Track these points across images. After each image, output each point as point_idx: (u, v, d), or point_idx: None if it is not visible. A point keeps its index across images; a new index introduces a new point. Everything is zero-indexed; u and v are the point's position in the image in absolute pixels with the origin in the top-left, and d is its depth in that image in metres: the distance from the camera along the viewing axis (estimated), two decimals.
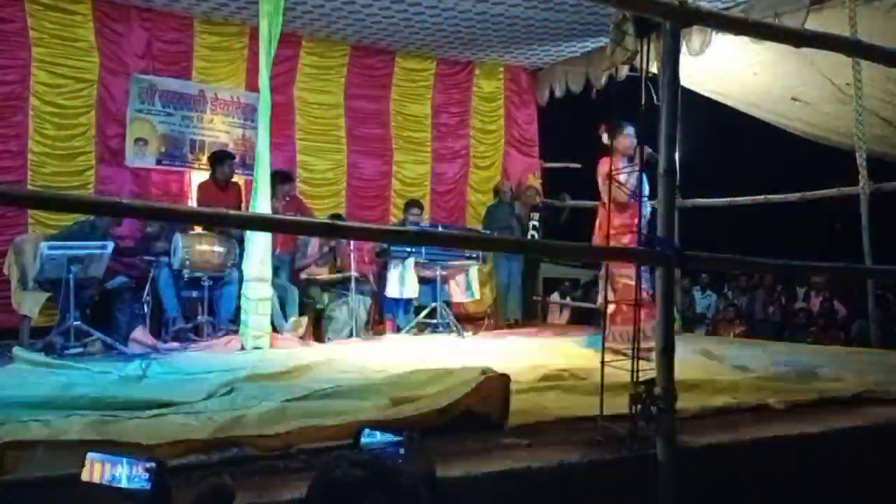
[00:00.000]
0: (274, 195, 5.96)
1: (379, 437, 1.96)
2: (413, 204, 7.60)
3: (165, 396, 3.44)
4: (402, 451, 2.08)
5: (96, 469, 1.48)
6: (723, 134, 9.33)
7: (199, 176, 7.29)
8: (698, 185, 7.52)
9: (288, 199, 6.91)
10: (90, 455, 1.50)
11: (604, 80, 7.84)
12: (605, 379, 2.88)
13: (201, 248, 6.00)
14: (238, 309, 5.90)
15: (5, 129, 6.63)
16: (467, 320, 7.96)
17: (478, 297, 8.24)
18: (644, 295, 4.59)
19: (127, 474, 1.47)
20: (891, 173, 6.40)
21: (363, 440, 1.94)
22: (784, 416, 3.30)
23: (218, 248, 6.06)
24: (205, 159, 7.30)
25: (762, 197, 7.30)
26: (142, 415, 3.02)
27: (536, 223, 8.67)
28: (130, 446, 2.34)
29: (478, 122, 9.04)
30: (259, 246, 5.65)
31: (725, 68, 7.35)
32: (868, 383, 3.85)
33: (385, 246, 6.93)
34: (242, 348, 5.53)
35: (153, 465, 1.45)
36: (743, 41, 6.41)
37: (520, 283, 8.25)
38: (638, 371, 2.70)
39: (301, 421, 2.73)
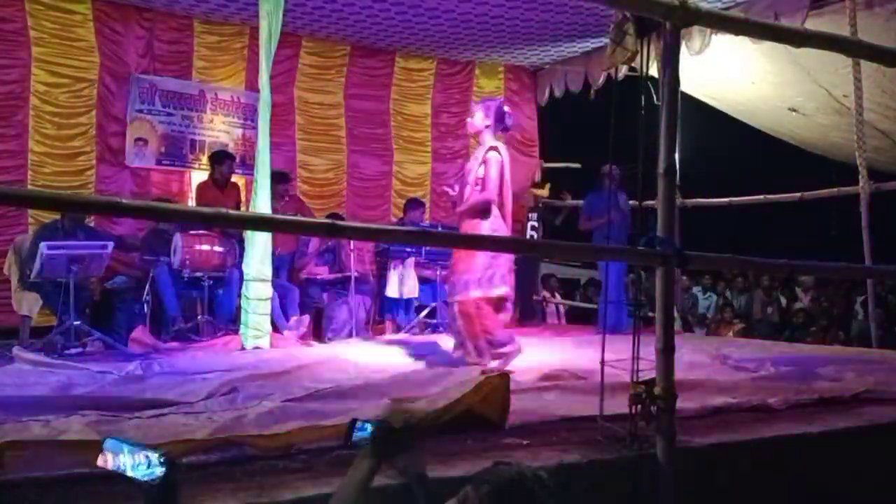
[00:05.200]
0: (272, 195, 5.96)
1: (370, 430, 1.96)
2: (415, 202, 7.63)
3: (165, 396, 3.44)
4: None
5: (109, 457, 1.50)
6: (723, 134, 9.33)
7: (199, 176, 7.29)
8: (698, 186, 7.53)
9: (287, 198, 6.92)
10: (106, 444, 1.53)
11: (602, 80, 7.85)
12: (605, 379, 2.89)
13: (201, 247, 6.00)
14: (238, 309, 5.90)
15: (5, 128, 6.63)
16: None
17: None
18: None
19: (136, 464, 1.48)
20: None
21: (355, 434, 1.94)
22: (784, 416, 3.31)
23: (218, 248, 6.06)
24: (205, 159, 7.30)
25: (762, 197, 7.30)
26: (142, 415, 3.02)
27: (535, 223, 8.68)
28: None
29: None
30: (259, 246, 5.65)
31: (723, 77, 7.36)
32: (868, 383, 3.85)
33: (385, 246, 6.93)
34: (242, 348, 5.52)
35: (162, 458, 1.46)
36: (741, 49, 6.41)
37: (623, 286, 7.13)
38: (638, 371, 2.70)
39: (301, 421, 2.73)
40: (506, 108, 4.98)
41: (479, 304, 4.58)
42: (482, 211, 4.64)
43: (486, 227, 4.57)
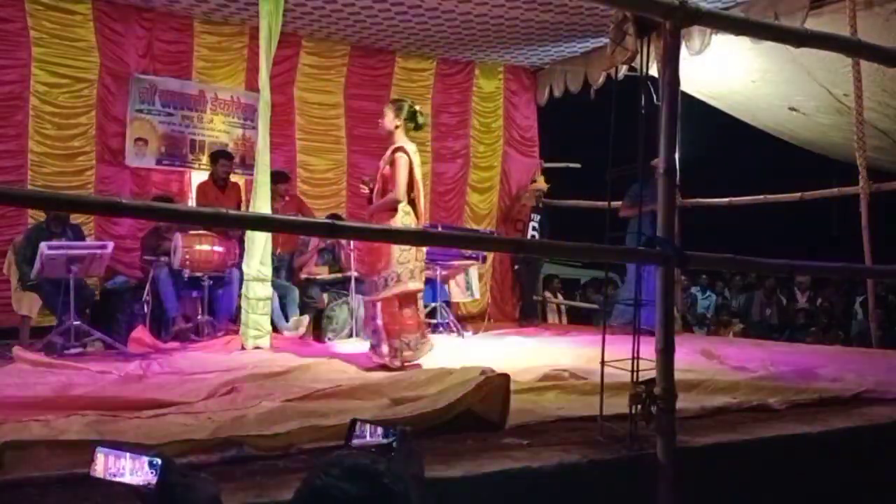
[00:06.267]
0: (272, 195, 5.95)
1: (369, 431, 1.96)
2: None
3: (165, 396, 3.44)
4: (393, 446, 2.09)
5: (104, 463, 1.48)
6: (723, 134, 9.34)
7: (199, 176, 7.30)
8: (698, 186, 7.53)
9: (287, 198, 6.92)
10: (99, 449, 1.50)
11: (601, 80, 7.86)
12: (605, 379, 2.88)
13: (201, 247, 6.00)
14: (238, 309, 5.90)
15: (5, 129, 6.62)
16: (467, 320, 7.97)
17: (478, 297, 8.25)
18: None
19: (132, 469, 1.46)
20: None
21: (355, 436, 1.93)
22: (784, 416, 3.31)
23: (218, 248, 6.06)
24: (205, 159, 7.31)
25: (762, 197, 7.30)
26: (142, 415, 3.02)
27: (536, 224, 8.68)
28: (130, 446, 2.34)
29: (478, 122, 9.04)
30: (259, 246, 5.65)
31: (724, 75, 7.36)
32: (868, 383, 3.85)
33: None
34: (242, 348, 5.52)
35: (158, 460, 1.44)
36: (742, 48, 6.41)
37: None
38: (638, 371, 2.70)
39: (301, 421, 2.73)
40: (417, 108, 5.14)
41: (396, 300, 4.69)
42: (390, 209, 4.84)
43: (394, 224, 4.74)
